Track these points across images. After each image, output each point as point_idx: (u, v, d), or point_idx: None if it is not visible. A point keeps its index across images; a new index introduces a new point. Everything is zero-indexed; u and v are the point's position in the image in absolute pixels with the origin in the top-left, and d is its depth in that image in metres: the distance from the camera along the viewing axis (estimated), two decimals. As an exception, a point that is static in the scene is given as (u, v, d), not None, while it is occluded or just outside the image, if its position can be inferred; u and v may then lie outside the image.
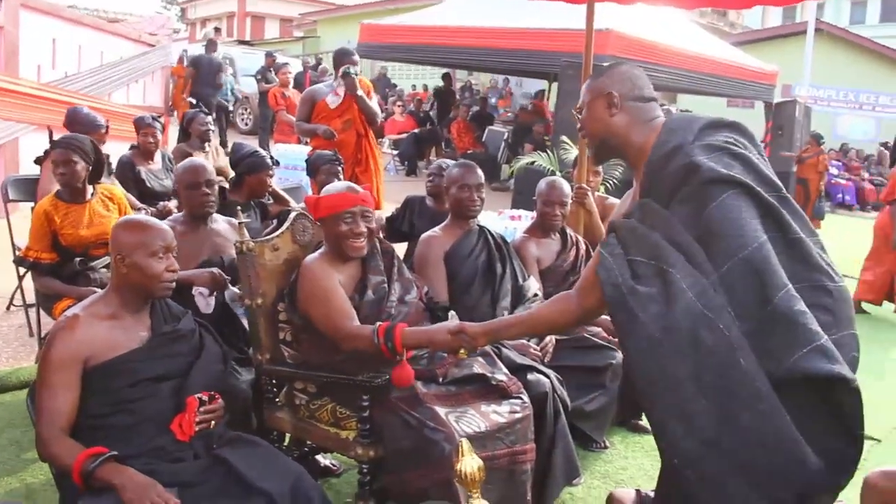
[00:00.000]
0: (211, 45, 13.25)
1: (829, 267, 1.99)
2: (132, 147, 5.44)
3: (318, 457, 3.42)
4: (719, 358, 1.87)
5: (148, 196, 5.15)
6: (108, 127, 5.01)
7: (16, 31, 7.64)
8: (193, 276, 3.18)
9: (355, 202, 2.90)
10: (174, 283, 2.46)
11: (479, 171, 3.66)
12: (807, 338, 1.82)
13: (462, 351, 2.56)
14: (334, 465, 3.49)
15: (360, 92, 5.66)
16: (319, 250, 2.99)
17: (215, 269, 3.24)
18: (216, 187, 3.50)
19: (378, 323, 2.69)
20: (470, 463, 1.96)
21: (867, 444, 4.12)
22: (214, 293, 3.24)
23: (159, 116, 5.62)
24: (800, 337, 1.82)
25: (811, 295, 1.92)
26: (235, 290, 3.22)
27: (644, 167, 2.17)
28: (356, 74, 5.65)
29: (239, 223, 3.09)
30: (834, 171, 16.70)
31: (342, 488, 3.33)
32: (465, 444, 2.02)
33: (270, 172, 4.30)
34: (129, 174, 5.21)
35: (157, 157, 5.43)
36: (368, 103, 5.73)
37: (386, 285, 2.93)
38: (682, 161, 2.04)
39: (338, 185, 3.07)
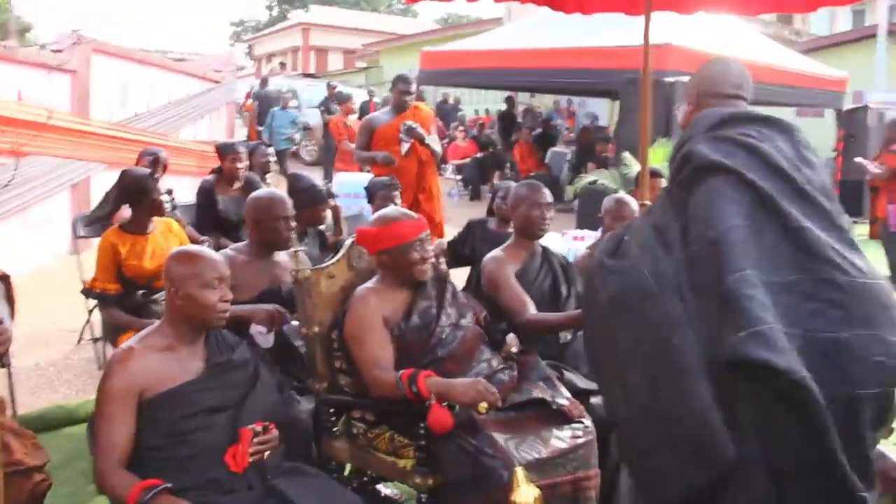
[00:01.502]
0: (263, 81, 14.86)
1: (843, 261, 1.89)
2: (213, 171, 5.42)
3: (380, 486, 3.38)
4: (657, 332, 1.94)
5: (221, 224, 5.12)
6: (163, 158, 5.13)
7: (87, 74, 7.94)
8: (251, 313, 3.13)
9: (422, 228, 2.91)
10: (228, 313, 2.46)
11: (547, 190, 3.61)
12: (747, 322, 1.76)
13: (482, 405, 2.50)
14: (396, 495, 3.43)
15: (427, 140, 5.76)
16: (372, 280, 2.97)
17: (271, 307, 3.18)
18: (283, 221, 3.42)
19: (401, 371, 2.65)
20: (526, 493, 1.90)
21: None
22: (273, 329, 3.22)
23: (241, 145, 5.58)
24: (741, 320, 1.77)
25: (817, 288, 1.85)
26: (296, 324, 3.20)
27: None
28: (410, 98, 5.71)
29: (294, 251, 3.09)
30: (911, 177, 15.95)
31: (405, 518, 3.28)
32: (521, 472, 1.95)
33: (327, 205, 4.32)
34: (206, 199, 5.19)
35: (236, 185, 5.35)
36: (432, 146, 5.83)
37: (434, 310, 2.88)
38: (685, 150, 2.14)
39: (393, 213, 3.03)
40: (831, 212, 2.02)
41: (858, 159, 9.57)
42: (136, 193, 3.91)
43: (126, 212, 4.12)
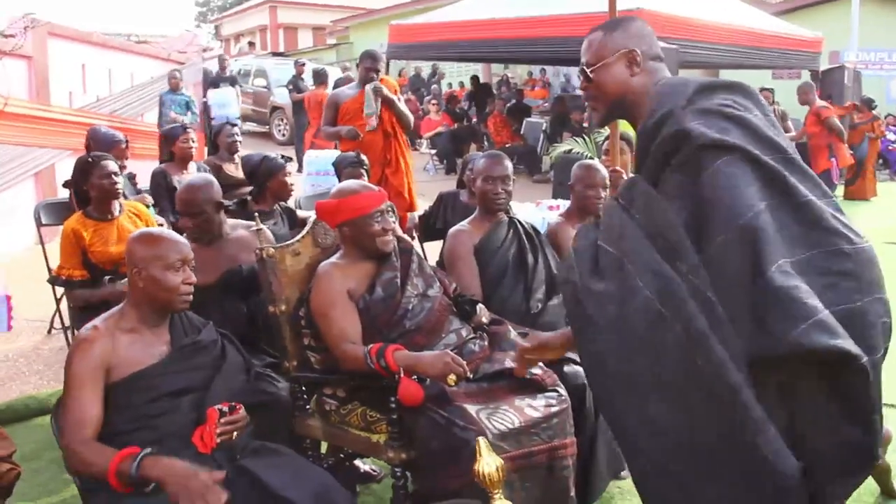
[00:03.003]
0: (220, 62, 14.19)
1: (846, 229, 1.82)
2: (164, 160, 5.41)
3: (358, 462, 3.36)
4: (677, 356, 1.75)
5: None
6: (127, 142, 5.02)
7: (45, 59, 7.78)
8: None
9: (382, 199, 2.86)
10: (192, 296, 2.40)
11: (507, 163, 3.52)
12: (805, 312, 1.65)
13: (451, 378, 2.48)
14: (374, 471, 3.42)
15: (391, 96, 5.67)
16: (336, 254, 2.92)
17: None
18: (205, 215, 3.33)
19: (370, 345, 2.62)
20: (488, 462, 1.86)
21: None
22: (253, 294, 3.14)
23: (189, 124, 5.59)
24: (796, 312, 1.65)
25: (828, 261, 1.76)
26: None
27: (638, 137, 2.04)
28: (377, 85, 5.61)
29: (258, 229, 3.03)
30: (891, 136, 15.98)
31: (384, 493, 3.25)
32: (483, 442, 1.92)
33: (287, 171, 4.26)
34: (162, 184, 5.12)
35: (192, 167, 5.33)
36: (399, 107, 5.73)
37: (398, 281, 2.84)
38: (673, 128, 1.88)
39: (353, 186, 2.98)
40: (815, 179, 1.91)
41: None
42: (79, 180, 3.86)
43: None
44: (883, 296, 1.79)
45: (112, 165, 3.85)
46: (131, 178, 5.30)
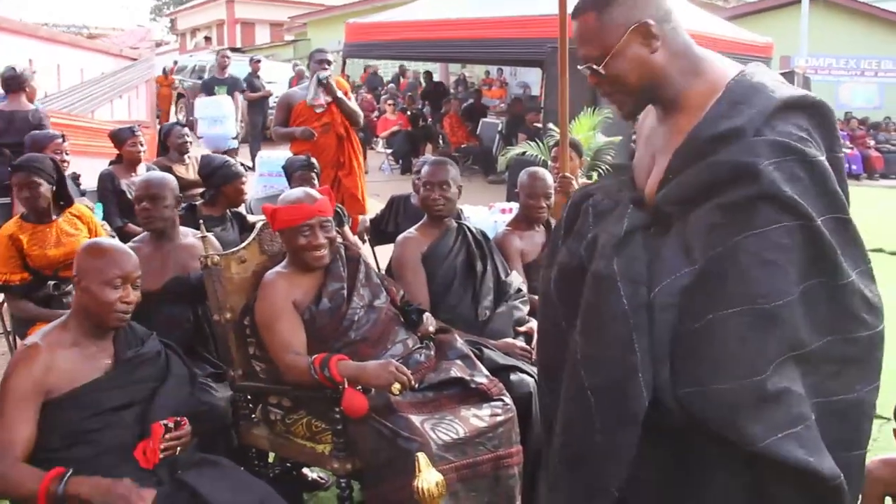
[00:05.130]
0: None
1: (869, 311, 1.61)
2: (112, 162, 5.31)
3: (306, 470, 3.34)
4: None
5: (129, 210, 4.97)
6: (63, 137, 4.92)
7: (-10, 53, 7.59)
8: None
9: (312, 214, 2.79)
10: (129, 315, 2.36)
11: (449, 168, 3.47)
12: (787, 420, 1.52)
13: (395, 387, 2.48)
14: (322, 479, 3.40)
15: (339, 94, 5.64)
16: (282, 263, 2.90)
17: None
18: (166, 201, 3.35)
19: (314, 356, 2.61)
20: (427, 478, 1.86)
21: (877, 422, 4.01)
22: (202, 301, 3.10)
23: (138, 127, 5.49)
24: (780, 419, 1.51)
25: (840, 348, 1.59)
26: None
27: (687, 137, 1.63)
28: (329, 76, 5.61)
29: (202, 236, 3.00)
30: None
31: (332, 502, 3.23)
32: (423, 458, 1.92)
33: (244, 180, 4.23)
34: (109, 187, 5.02)
35: (141, 169, 5.22)
36: (349, 104, 5.71)
37: (345, 292, 2.82)
38: (740, 157, 1.54)
39: (294, 195, 2.94)
40: (860, 245, 1.64)
41: None
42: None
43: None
44: (878, 383, 1.64)
45: (29, 177, 3.69)
46: (75, 178, 5.19)
